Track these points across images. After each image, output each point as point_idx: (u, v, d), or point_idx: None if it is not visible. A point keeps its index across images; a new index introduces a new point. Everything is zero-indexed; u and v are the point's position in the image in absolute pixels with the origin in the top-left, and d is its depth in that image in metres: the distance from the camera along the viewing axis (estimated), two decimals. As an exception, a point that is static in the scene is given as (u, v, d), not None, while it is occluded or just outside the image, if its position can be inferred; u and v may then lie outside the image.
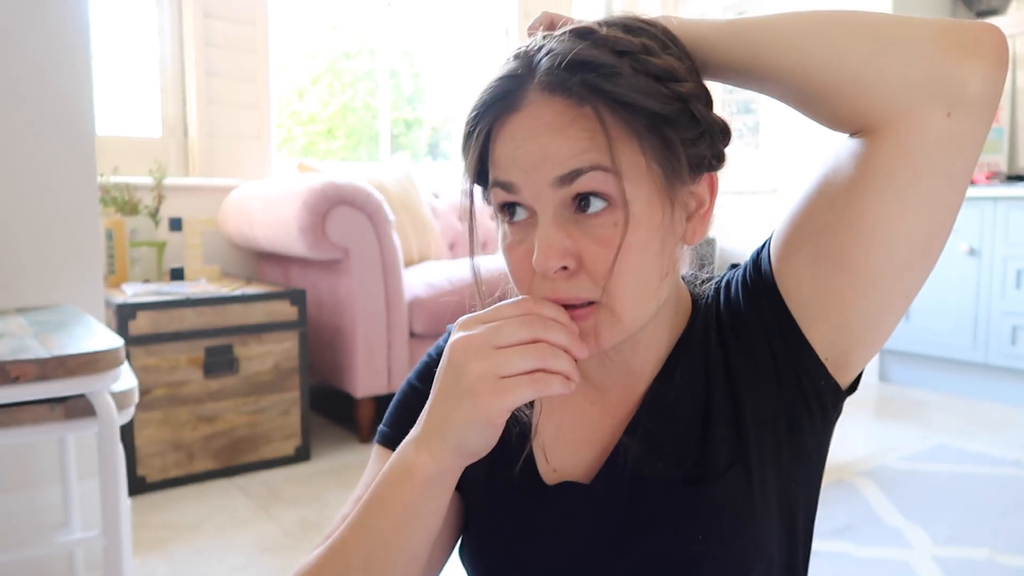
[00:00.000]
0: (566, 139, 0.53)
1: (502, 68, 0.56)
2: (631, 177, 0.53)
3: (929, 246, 0.55)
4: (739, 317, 0.62)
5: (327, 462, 2.36)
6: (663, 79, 0.53)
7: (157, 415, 2.12)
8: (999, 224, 3.00)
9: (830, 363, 0.59)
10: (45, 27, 1.61)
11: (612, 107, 0.52)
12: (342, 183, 2.31)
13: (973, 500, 2.06)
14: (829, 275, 0.56)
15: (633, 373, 0.64)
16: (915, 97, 0.51)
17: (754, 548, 0.60)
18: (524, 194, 0.55)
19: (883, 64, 0.51)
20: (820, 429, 0.63)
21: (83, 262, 1.69)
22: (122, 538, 1.11)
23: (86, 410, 1.08)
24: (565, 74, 0.52)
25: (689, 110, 0.55)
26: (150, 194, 2.70)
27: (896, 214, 0.53)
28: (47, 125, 1.63)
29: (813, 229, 0.57)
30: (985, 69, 0.50)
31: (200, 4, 2.88)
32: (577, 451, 0.66)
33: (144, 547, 1.78)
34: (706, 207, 0.60)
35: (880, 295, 0.56)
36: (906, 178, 0.52)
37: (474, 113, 0.56)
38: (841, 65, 0.53)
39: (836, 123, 0.56)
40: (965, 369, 3.17)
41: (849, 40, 0.53)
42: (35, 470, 1.65)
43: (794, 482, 0.62)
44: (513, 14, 3.71)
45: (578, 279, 0.55)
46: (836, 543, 1.78)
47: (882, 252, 0.54)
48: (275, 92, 3.11)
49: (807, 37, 0.54)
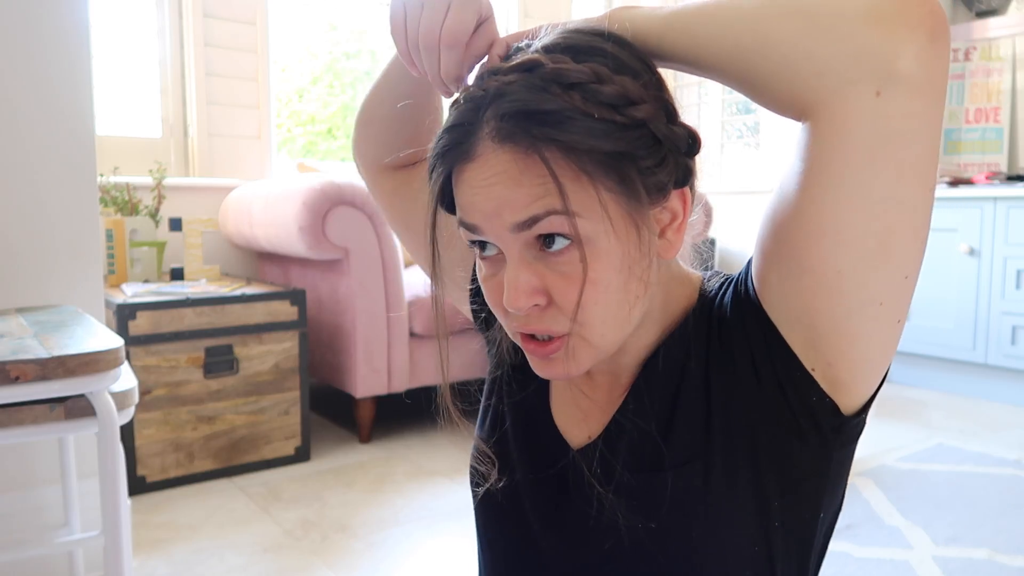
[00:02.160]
0: (519, 187, 0.53)
1: (453, 113, 0.56)
2: (589, 215, 0.53)
3: (887, 243, 0.51)
4: (726, 317, 0.61)
5: (327, 462, 2.36)
6: (617, 106, 0.53)
7: (157, 415, 2.12)
8: (999, 224, 3.00)
9: (819, 376, 0.56)
10: (45, 27, 1.61)
11: (563, 152, 0.52)
12: (342, 183, 2.32)
13: (973, 500, 2.06)
14: (794, 278, 0.54)
15: (620, 366, 0.66)
16: (841, 76, 0.48)
17: (704, 551, 0.59)
18: (489, 235, 0.56)
19: (810, 43, 0.49)
20: (817, 452, 0.59)
21: (83, 262, 1.69)
22: (122, 538, 1.11)
23: (86, 410, 1.08)
24: (511, 125, 0.52)
25: (649, 133, 0.54)
26: (150, 194, 2.70)
27: (841, 207, 0.50)
28: (47, 125, 1.63)
29: (775, 229, 0.55)
30: (916, 42, 0.47)
31: (200, 4, 2.88)
32: (571, 419, 0.69)
33: (144, 547, 1.78)
34: (680, 220, 0.59)
35: (845, 298, 0.53)
36: (842, 166, 0.50)
37: (433, 157, 0.57)
38: (772, 48, 0.50)
39: (779, 108, 0.53)
40: (965, 369, 3.17)
41: (779, 21, 0.50)
42: (35, 470, 1.65)
43: (776, 500, 0.59)
44: (513, 14, 3.71)
45: (549, 313, 0.56)
46: (836, 543, 1.78)
47: (835, 249, 0.52)
48: (275, 92, 3.11)
49: (739, 21, 0.52)
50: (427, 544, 1.82)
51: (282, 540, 1.82)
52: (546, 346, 0.57)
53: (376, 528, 1.89)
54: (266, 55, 3.04)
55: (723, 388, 0.60)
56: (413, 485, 2.17)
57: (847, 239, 0.51)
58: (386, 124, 0.77)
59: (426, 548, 1.80)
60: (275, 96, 3.11)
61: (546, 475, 0.68)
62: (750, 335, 0.59)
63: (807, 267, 0.53)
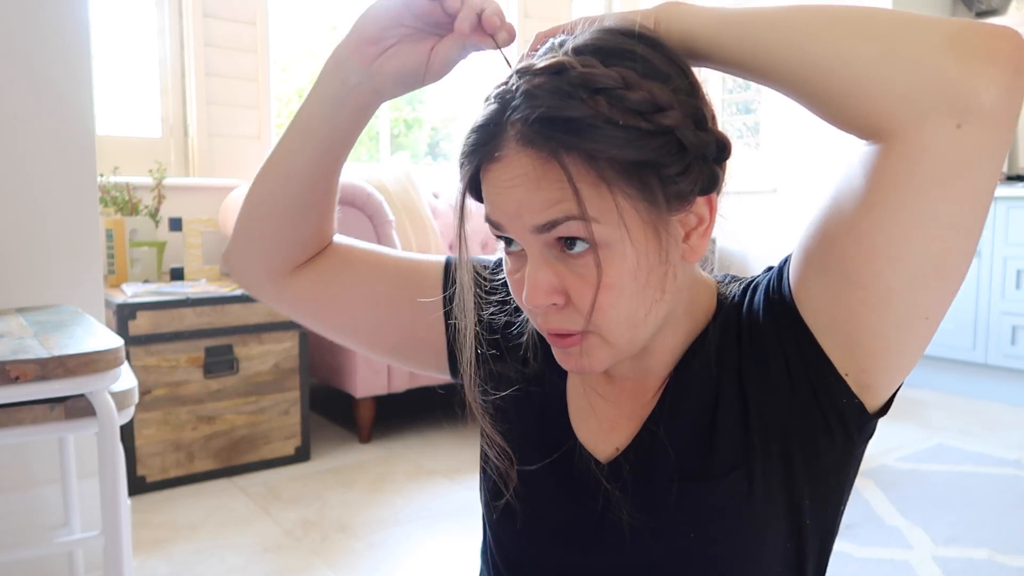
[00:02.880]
0: (539, 191, 0.53)
1: (482, 112, 0.56)
2: (606, 221, 0.53)
3: (942, 266, 0.52)
4: (757, 323, 0.61)
5: (327, 462, 2.36)
6: (643, 112, 0.52)
7: (157, 415, 2.12)
8: (999, 224, 3.00)
9: (851, 380, 0.57)
10: (45, 27, 1.61)
11: (583, 158, 0.52)
12: (342, 183, 2.31)
13: (973, 500, 2.05)
14: (839, 289, 0.55)
15: (645, 370, 0.65)
16: (922, 106, 0.48)
17: (745, 556, 0.60)
18: (511, 235, 0.57)
19: (888, 70, 0.48)
20: (842, 449, 0.60)
21: (83, 262, 1.69)
22: (122, 538, 1.11)
23: (86, 410, 1.08)
24: (535, 131, 0.52)
25: (674, 140, 0.53)
26: (150, 194, 2.70)
27: (902, 229, 0.51)
28: (47, 125, 1.63)
29: (825, 240, 0.55)
30: (1000, 78, 0.47)
31: (200, 4, 2.88)
32: (592, 427, 0.67)
33: (144, 547, 1.78)
34: (705, 224, 0.59)
35: (893, 313, 0.53)
36: (912, 192, 0.50)
37: (461, 154, 0.58)
38: (845, 68, 0.50)
39: (845, 127, 0.53)
40: (965, 369, 3.17)
41: (853, 41, 0.49)
42: (35, 470, 1.65)
43: (807, 499, 0.61)
44: (513, 14, 3.71)
45: (567, 312, 0.57)
46: (836, 543, 1.78)
47: (889, 268, 0.52)
48: (275, 92, 3.11)
49: (807, 36, 0.51)
50: (427, 544, 1.82)
51: (282, 540, 1.82)
52: (565, 339, 0.58)
53: (376, 528, 1.89)
54: (266, 55, 3.04)
55: (758, 394, 0.60)
56: (413, 485, 2.17)
57: (903, 260, 0.52)
58: (292, 210, 0.68)
59: (426, 548, 1.80)
60: (275, 96, 3.11)
61: (569, 491, 0.66)
62: (784, 339, 0.59)
63: (856, 281, 0.53)
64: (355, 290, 0.73)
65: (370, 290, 0.73)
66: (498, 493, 0.69)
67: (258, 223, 0.70)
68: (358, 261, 0.74)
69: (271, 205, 0.69)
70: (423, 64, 0.61)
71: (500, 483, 0.68)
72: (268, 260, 0.72)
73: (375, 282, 0.73)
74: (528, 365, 0.71)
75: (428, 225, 2.99)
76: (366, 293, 0.73)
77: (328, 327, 0.75)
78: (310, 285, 0.73)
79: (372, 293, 0.73)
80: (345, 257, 0.74)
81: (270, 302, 0.75)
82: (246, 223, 0.71)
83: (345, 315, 0.74)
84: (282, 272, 0.72)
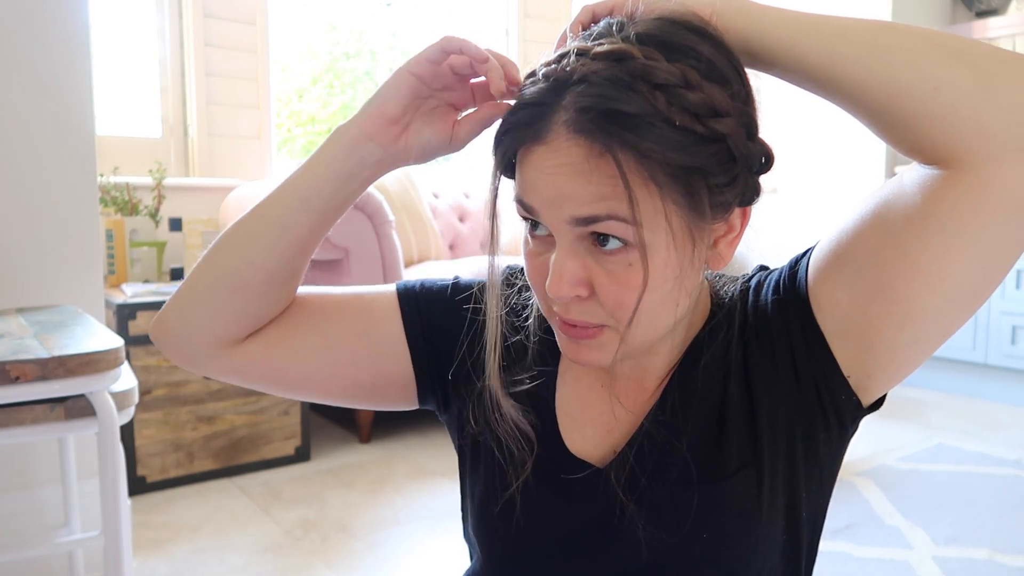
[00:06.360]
0: (587, 183, 0.51)
1: (533, 89, 0.54)
2: (650, 224, 0.52)
3: (978, 294, 0.53)
4: (764, 321, 0.61)
5: (327, 462, 2.36)
6: (700, 115, 0.51)
7: (157, 415, 2.12)
8: (999, 224, 3.00)
9: (852, 381, 0.58)
10: (45, 27, 1.61)
11: (636, 157, 0.50)
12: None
13: (973, 500, 2.06)
14: (867, 299, 0.55)
15: (644, 370, 0.64)
16: (1004, 143, 0.48)
17: (755, 553, 0.60)
18: (544, 219, 0.55)
19: (980, 102, 0.48)
20: (836, 441, 0.62)
21: (83, 262, 1.69)
22: (122, 538, 1.11)
23: (86, 410, 1.08)
24: (590, 119, 0.50)
25: (726, 148, 0.52)
26: (150, 194, 2.70)
27: (953, 255, 0.51)
28: (47, 125, 1.63)
29: (862, 249, 0.55)
30: None
31: (200, 4, 2.88)
32: (587, 432, 0.65)
33: (144, 547, 1.78)
34: (735, 233, 0.58)
35: (914, 331, 0.54)
36: (973, 222, 0.50)
37: (501, 130, 0.56)
38: (934, 96, 0.49)
39: (911, 151, 0.52)
40: (965, 369, 3.17)
41: (946, 69, 0.49)
42: (35, 470, 1.65)
43: (804, 492, 0.61)
44: (513, 14, 3.71)
45: (589, 304, 0.56)
46: (836, 543, 1.78)
47: (927, 290, 0.52)
48: (275, 92, 3.11)
49: (898, 56, 0.50)
50: (427, 544, 1.82)
51: (282, 540, 1.82)
52: (583, 330, 0.57)
53: (376, 528, 1.89)
54: (266, 55, 3.04)
55: (765, 391, 0.60)
56: (413, 485, 2.17)
57: (945, 284, 0.52)
58: (273, 282, 0.63)
59: (426, 548, 1.80)
60: (275, 96, 3.11)
61: (570, 492, 0.64)
62: (792, 336, 0.59)
63: (891, 296, 0.53)
64: (307, 340, 0.66)
65: (322, 337, 0.67)
66: (494, 500, 0.65)
67: (223, 294, 0.62)
68: (314, 310, 0.68)
69: (248, 277, 0.62)
70: (447, 139, 0.62)
71: (511, 472, 0.64)
72: (225, 331, 0.64)
73: (325, 326, 0.67)
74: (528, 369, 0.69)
75: (428, 225, 2.99)
76: (318, 343, 0.67)
77: (281, 387, 0.68)
78: (265, 348, 0.66)
79: (324, 339, 0.67)
80: (302, 309, 0.68)
81: (211, 373, 0.66)
82: (205, 293, 0.62)
83: (300, 370, 0.67)
84: (237, 341, 0.65)
